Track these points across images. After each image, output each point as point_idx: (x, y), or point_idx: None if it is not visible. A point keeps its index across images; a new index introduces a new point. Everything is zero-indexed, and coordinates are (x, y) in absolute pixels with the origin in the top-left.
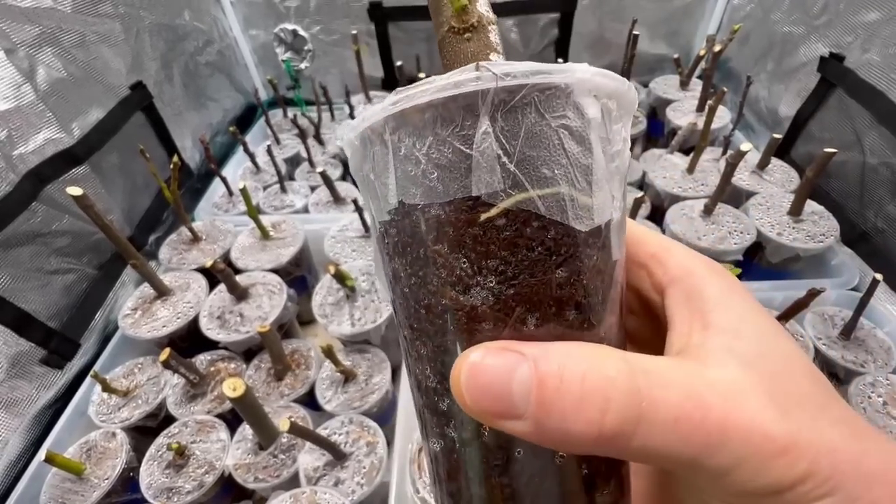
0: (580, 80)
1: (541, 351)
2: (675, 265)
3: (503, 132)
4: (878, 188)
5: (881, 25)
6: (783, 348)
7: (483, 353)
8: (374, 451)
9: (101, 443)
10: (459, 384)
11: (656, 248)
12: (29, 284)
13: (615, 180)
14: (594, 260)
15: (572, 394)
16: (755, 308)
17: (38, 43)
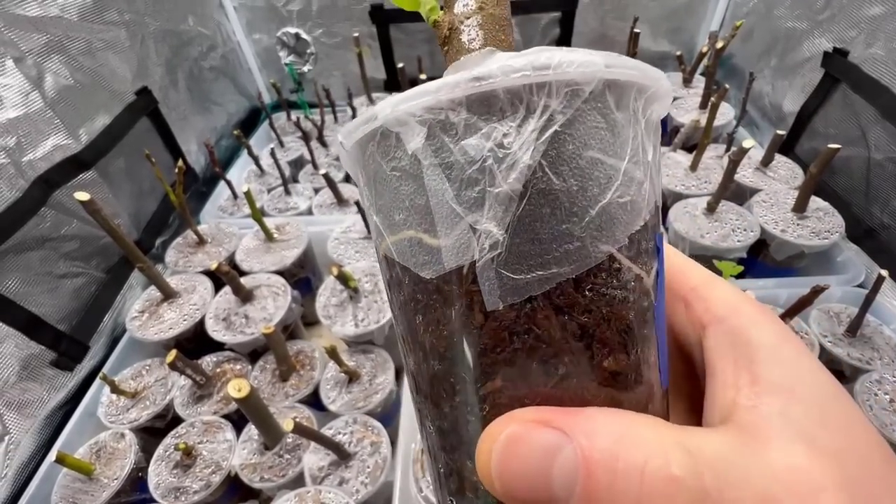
0: (385, 116)
1: (587, 427)
2: (718, 302)
3: (365, 184)
4: (883, 184)
5: (885, 19)
6: (846, 416)
7: (518, 428)
8: (378, 451)
9: (111, 443)
10: (489, 467)
11: (698, 280)
12: (39, 288)
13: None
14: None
15: (629, 495)
16: (810, 361)
17: (45, 51)
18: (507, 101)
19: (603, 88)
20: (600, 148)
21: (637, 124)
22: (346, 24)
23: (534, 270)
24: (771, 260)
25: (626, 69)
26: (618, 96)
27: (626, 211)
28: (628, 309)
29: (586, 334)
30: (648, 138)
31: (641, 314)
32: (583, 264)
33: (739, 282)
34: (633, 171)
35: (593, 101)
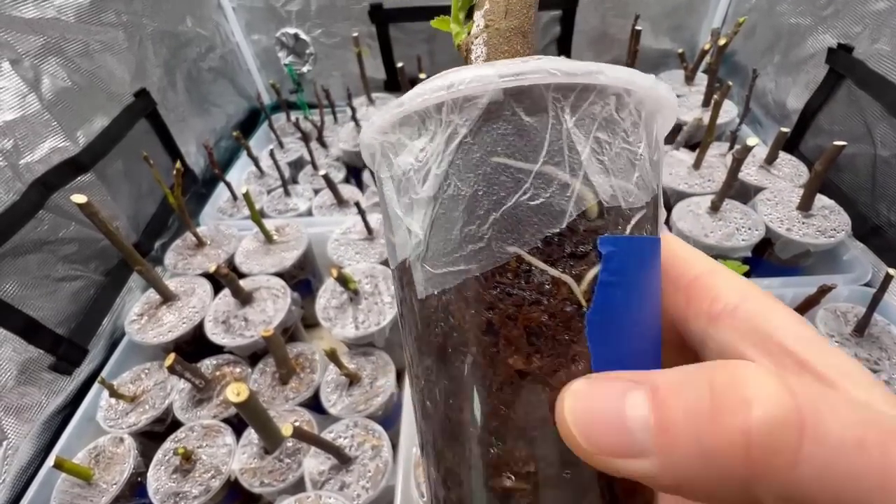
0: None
1: (648, 377)
2: (726, 290)
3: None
4: (889, 181)
5: (891, 14)
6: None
7: (589, 381)
8: (380, 455)
9: (110, 448)
10: (565, 420)
11: (699, 270)
12: (37, 292)
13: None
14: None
15: (702, 403)
16: (831, 344)
17: (42, 53)
18: (420, 120)
19: (505, 98)
20: (507, 153)
21: (559, 125)
22: (345, 23)
23: (447, 266)
24: (776, 259)
25: (531, 74)
26: (530, 102)
27: (538, 213)
28: (541, 312)
29: (492, 330)
30: (582, 137)
31: (563, 320)
32: (488, 263)
33: None
34: (552, 172)
35: (497, 111)
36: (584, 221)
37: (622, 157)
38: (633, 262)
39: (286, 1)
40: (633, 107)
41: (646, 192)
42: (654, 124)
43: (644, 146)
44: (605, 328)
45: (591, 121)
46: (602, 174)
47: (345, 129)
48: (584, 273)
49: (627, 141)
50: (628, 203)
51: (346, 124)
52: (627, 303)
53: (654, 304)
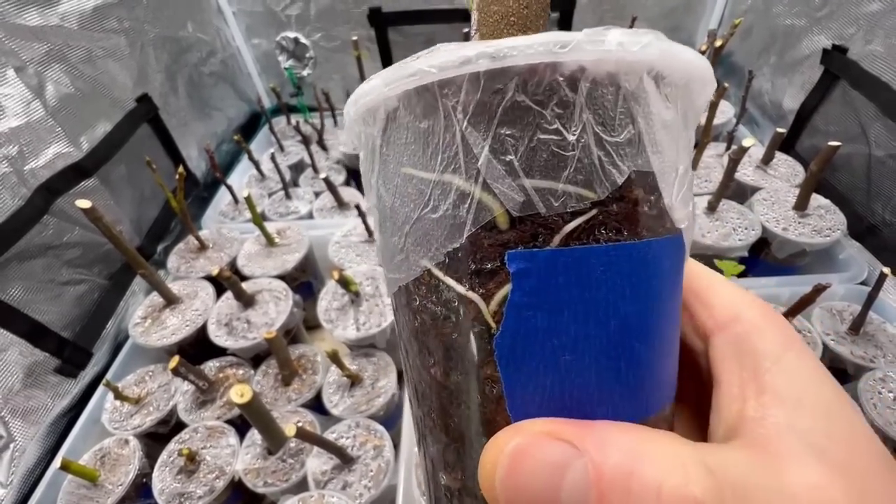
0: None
1: (599, 440)
2: (722, 307)
3: None
4: (884, 180)
5: (884, 16)
6: (850, 426)
7: (525, 441)
8: (381, 455)
9: (115, 449)
10: (493, 481)
11: (699, 284)
12: (42, 296)
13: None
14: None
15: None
16: (814, 368)
17: (46, 60)
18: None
19: (398, 104)
20: (411, 163)
21: (452, 127)
22: (344, 27)
23: (389, 272)
24: (773, 258)
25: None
26: (424, 104)
27: (440, 226)
28: (451, 328)
29: (418, 338)
30: (479, 136)
31: (470, 340)
32: (408, 275)
33: (741, 281)
34: (450, 181)
35: (397, 118)
36: (490, 235)
37: (542, 151)
38: (566, 280)
39: (286, 5)
40: (560, 82)
41: (594, 188)
42: (618, 91)
43: (583, 129)
44: (519, 355)
45: (491, 115)
46: (507, 177)
47: (344, 132)
48: (493, 292)
49: (550, 129)
50: (553, 208)
51: (346, 127)
52: (556, 327)
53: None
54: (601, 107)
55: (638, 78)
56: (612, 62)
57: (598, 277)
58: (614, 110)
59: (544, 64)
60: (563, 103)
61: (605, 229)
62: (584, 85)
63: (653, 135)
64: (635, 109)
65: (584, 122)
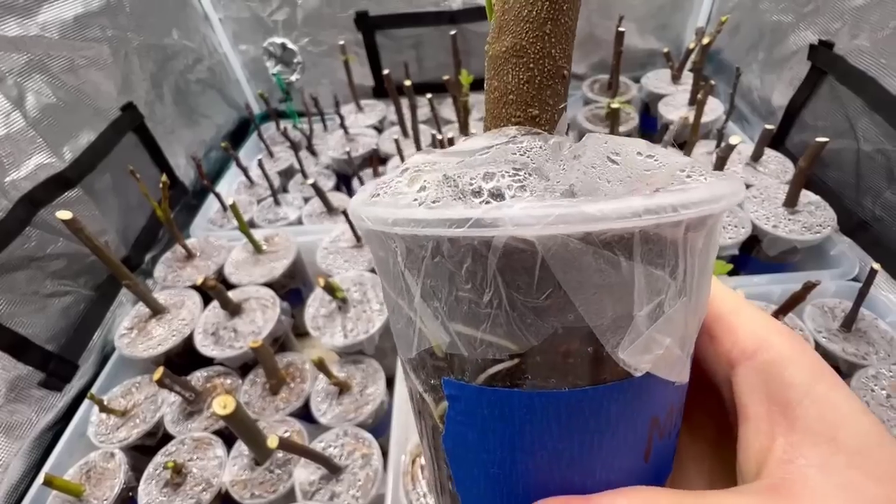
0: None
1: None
2: (747, 334)
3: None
4: (873, 175)
5: (868, 10)
6: (890, 461)
7: None
8: (370, 464)
9: (100, 463)
10: None
11: (723, 308)
12: (25, 308)
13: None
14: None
15: None
16: (849, 400)
17: (26, 71)
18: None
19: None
20: (384, 278)
21: (397, 266)
22: (331, 32)
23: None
24: (764, 256)
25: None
26: (379, 241)
27: (403, 336)
28: (419, 414)
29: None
30: (413, 280)
31: (431, 431)
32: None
33: (733, 279)
34: (402, 306)
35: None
36: (430, 358)
37: (462, 304)
38: (490, 413)
39: (272, 11)
40: (473, 249)
41: (513, 341)
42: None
43: (495, 294)
44: (460, 456)
45: (419, 265)
46: (434, 320)
47: (334, 136)
48: (438, 401)
49: (465, 288)
50: (475, 353)
51: (335, 132)
52: (485, 445)
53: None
54: (516, 271)
55: (561, 243)
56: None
57: (522, 417)
58: (531, 275)
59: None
60: (475, 265)
61: (530, 377)
62: (494, 251)
63: (585, 296)
64: (559, 275)
65: (496, 285)
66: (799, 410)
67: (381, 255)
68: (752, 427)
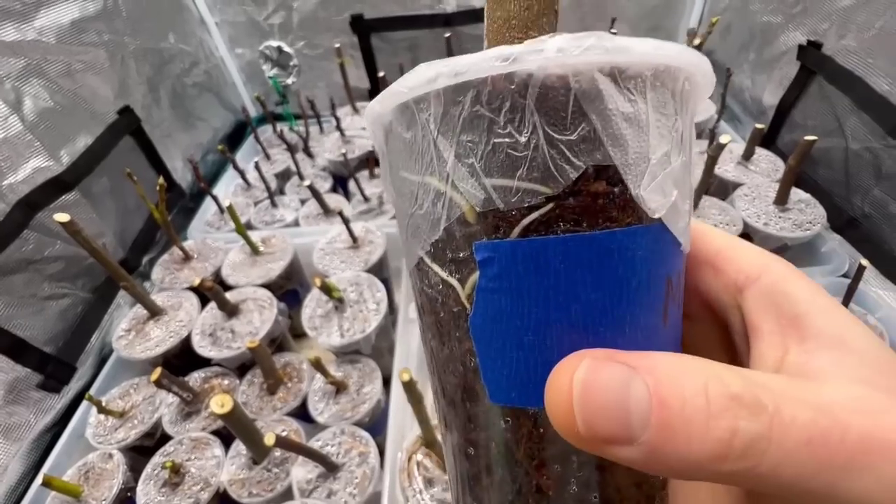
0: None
1: (648, 363)
2: (749, 262)
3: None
4: (862, 173)
5: (855, 11)
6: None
7: (592, 364)
8: (366, 461)
9: (99, 464)
10: (570, 404)
11: (721, 243)
12: (24, 311)
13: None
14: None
15: (699, 414)
16: (846, 312)
17: (24, 75)
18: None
19: (391, 119)
20: (404, 167)
21: (427, 136)
22: (327, 35)
23: (404, 256)
24: None
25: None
26: (407, 119)
27: (425, 220)
28: (439, 308)
29: (422, 315)
30: (447, 143)
31: (453, 318)
32: (410, 262)
33: None
34: (429, 182)
35: (392, 131)
36: (460, 227)
37: (499, 153)
38: (525, 268)
39: (268, 14)
40: (509, 91)
41: (548, 184)
42: (569, 93)
43: (534, 131)
44: (489, 333)
45: (455, 124)
46: (470, 178)
47: (330, 139)
48: (466, 277)
49: (502, 133)
50: (511, 204)
51: (331, 134)
52: (519, 309)
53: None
54: (552, 108)
55: (590, 78)
56: (558, 67)
57: (556, 266)
58: (566, 110)
59: (495, 76)
60: (514, 108)
61: (563, 222)
62: (532, 90)
63: (611, 129)
64: (588, 108)
65: (534, 123)
66: (807, 321)
67: (406, 138)
68: (765, 342)
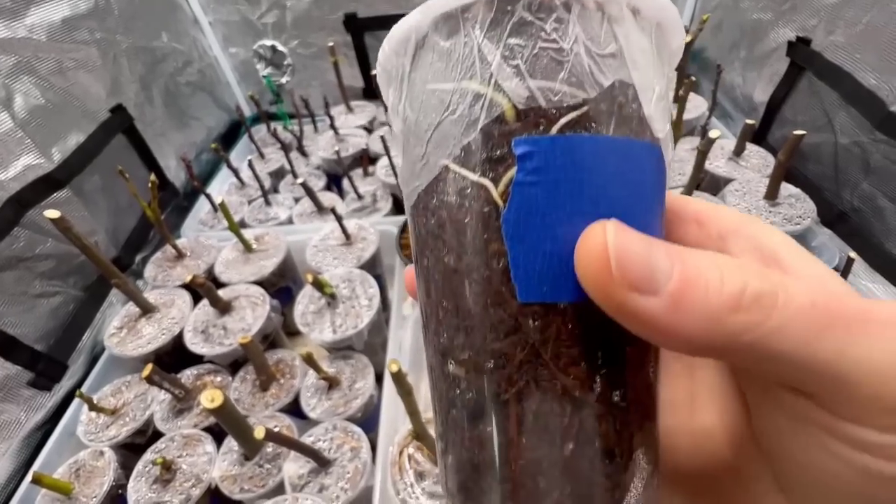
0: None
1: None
2: (730, 216)
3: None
4: (850, 167)
5: (842, 7)
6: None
7: (620, 224)
8: (358, 456)
9: (90, 462)
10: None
11: (703, 206)
12: (14, 309)
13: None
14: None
15: (714, 272)
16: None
17: (14, 72)
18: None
19: (427, 31)
20: (435, 79)
21: (470, 42)
22: (320, 34)
23: (410, 182)
24: None
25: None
26: (449, 27)
27: (458, 125)
28: (464, 213)
29: (433, 234)
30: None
31: (480, 220)
32: (429, 176)
33: None
34: (467, 86)
35: (425, 45)
36: (499, 126)
37: (543, 57)
38: (562, 162)
39: (262, 14)
40: (557, 4)
41: (584, 88)
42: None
43: (575, 42)
44: (522, 228)
45: (502, 29)
46: (515, 77)
47: (324, 137)
48: (501, 175)
49: (549, 39)
50: (552, 102)
51: (325, 133)
52: (555, 204)
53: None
54: (589, 25)
55: (619, 6)
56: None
57: (589, 162)
58: (600, 29)
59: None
60: (559, 20)
61: (595, 124)
62: (576, 7)
63: (632, 54)
64: (617, 31)
65: (576, 35)
66: (787, 260)
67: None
68: None
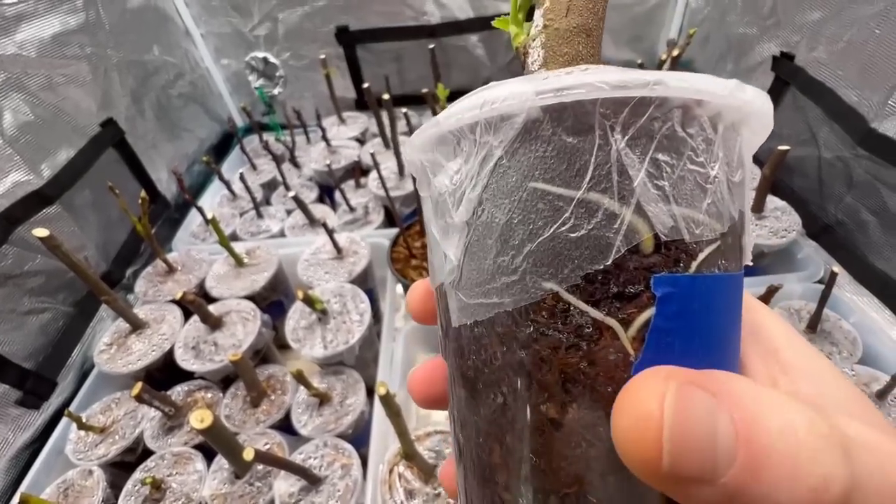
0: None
1: (728, 390)
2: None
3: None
4: (834, 181)
5: (824, 24)
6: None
7: (683, 390)
8: (349, 474)
9: (79, 481)
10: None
11: None
12: (2, 327)
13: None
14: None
15: (789, 454)
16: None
17: (4, 89)
18: (455, 140)
19: (545, 116)
20: (546, 178)
21: (608, 146)
22: (312, 46)
23: (480, 297)
24: None
25: (573, 90)
26: (573, 120)
27: (579, 246)
28: (580, 358)
29: (524, 372)
30: (636, 159)
31: (605, 370)
32: (521, 299)
33: None
34: (597, 200)
35: (536, 130)
36: (635, 258)
37: (688, 182)
38: (696, 306)
39: (254, 26)
40: (705, 120)
41: (720, 221)
42: (737, 138)
43: (720, 166)
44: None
45: (649, 139)
46: (660, 202)
47: (316, 148)
48: (633, 317)
49: (697, 161)
50: (695, 235)
51: (317, 144)
52: (686, 353)
53: (724, 355)
54: (728, 148)
55: (760, 124)
56: (742, 112)
57: (718, 304)
58: (734, 153)
59: (695, 100)
60: (708, 140)
61: (724, 260)
62: (721, 126)
63: (749, 181)
64: (745, 155)
65: (720, 159)
66: (787, 354)
67: (568, 143)
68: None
